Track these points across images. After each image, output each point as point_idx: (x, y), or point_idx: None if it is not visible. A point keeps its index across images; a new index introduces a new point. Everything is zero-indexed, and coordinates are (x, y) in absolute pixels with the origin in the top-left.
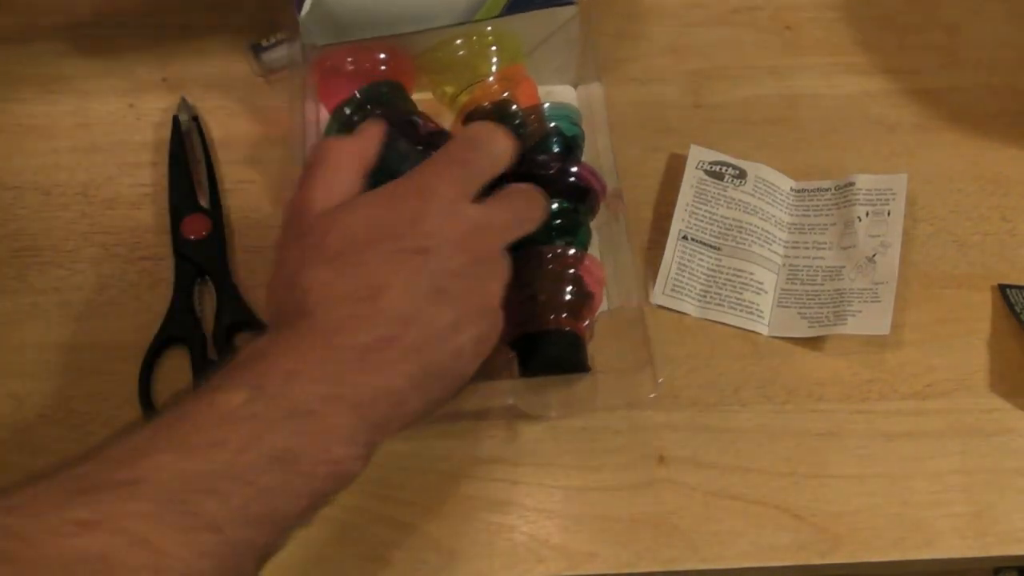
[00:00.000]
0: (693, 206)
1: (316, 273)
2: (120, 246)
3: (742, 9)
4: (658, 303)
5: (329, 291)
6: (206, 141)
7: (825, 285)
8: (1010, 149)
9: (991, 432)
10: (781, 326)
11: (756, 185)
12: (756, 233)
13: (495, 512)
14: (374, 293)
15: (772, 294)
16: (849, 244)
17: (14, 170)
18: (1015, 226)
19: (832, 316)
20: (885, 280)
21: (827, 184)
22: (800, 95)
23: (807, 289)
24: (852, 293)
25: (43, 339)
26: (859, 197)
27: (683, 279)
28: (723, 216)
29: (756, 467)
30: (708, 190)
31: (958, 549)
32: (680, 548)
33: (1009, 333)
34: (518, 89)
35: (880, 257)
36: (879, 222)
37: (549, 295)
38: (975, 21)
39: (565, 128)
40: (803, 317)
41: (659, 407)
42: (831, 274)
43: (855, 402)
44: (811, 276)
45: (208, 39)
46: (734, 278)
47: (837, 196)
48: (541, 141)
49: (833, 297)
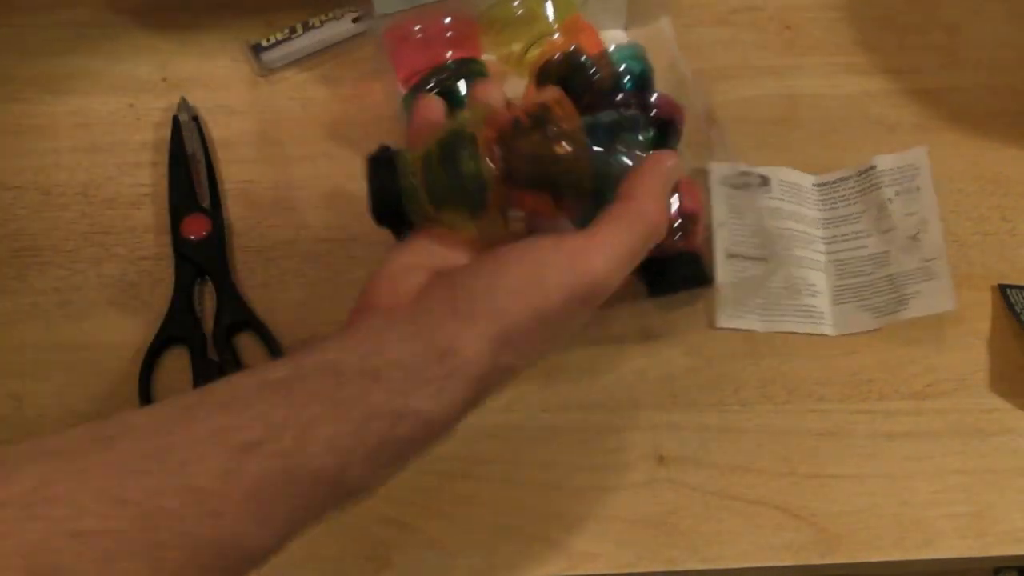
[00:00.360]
0: (729, 223)
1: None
2: (120, 246)
3: (742, 9)
4: (723, 326)
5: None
6: (206, 141)
7: (876, 273)
8: (1010, 149)
9: (991, 432)
10: (845, 323)
11: (781, 188)
12: (795, 236)
13: (495, 512)
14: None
15: (827, 293)
16: (887, 227)
17: (14, 170)
18: (1015, 226)
19: (893, 303)
20: (935, 255)
21: (848, 172)
22: (800, 95)
23: (859, 281)
24: (905, 275)
25: (43, 339)
26: (883, 179)
27: (741, 297)
28: (759, 226)
29: (756, 467)
30: (738, 204)
31: (958, 549)
32: (680, 548)
33: (1009, 333)
34: (582, 37)
35: (923, 234)
36: (911, 199)
37: None
38: (975, 21)
39: (633, 66)
40: (864, 310)
41: (659, 407)
42: (878, 261)
43: (855, 402)
44: (859, 267)
45: (208, 39)
46: (788, 286)
47: (861, 182)
48: (615, 83)
49: (887, 283)
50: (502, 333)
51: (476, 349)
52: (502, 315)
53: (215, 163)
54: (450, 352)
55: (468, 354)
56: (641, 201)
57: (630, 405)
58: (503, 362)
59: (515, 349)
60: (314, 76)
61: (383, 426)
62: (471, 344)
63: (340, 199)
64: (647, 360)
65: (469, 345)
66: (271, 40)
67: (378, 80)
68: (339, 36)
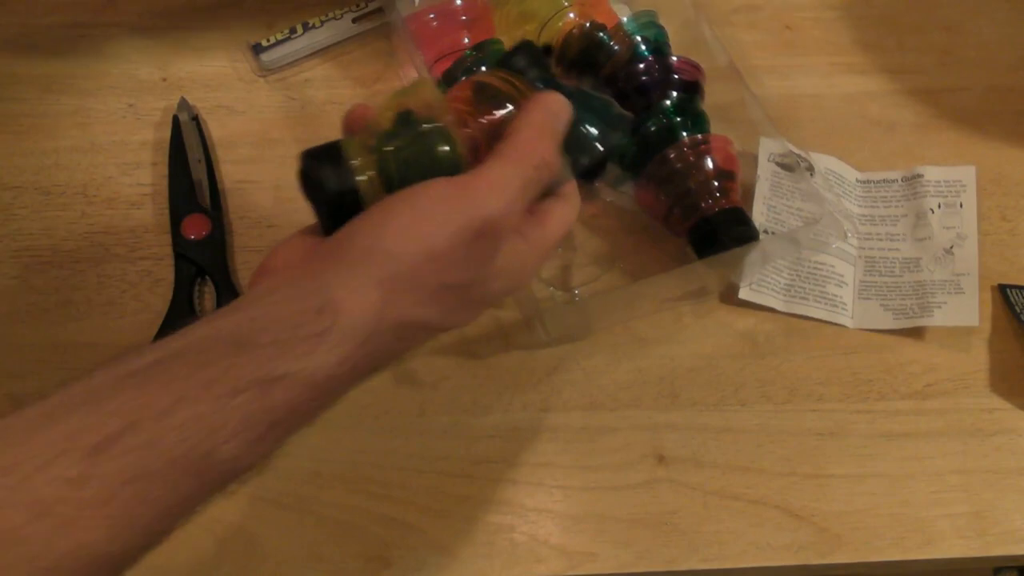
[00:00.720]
0: (770, 200)
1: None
2: (120, 246)
3: (742, 9)
4: (744, 298)
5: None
6: (206, 141)
7: (904, 277)
8: (1010, 149)
9: (991, 432)
10: (865, 318)
11: (827, 177)
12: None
13: (495, 512)
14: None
15: (852, 286)
16: (924, 236)
17: (14, 170)
18: (1015, 226)
19: (917, 308)
20: (966, 272)
21: (893, 175)
22: (800, 95)
23: (886, 281)
24: (934, 285)
25: (43, 339)
26: (929, 189)
27: (767, 274)
28: (798, 208)
29: (756, 467)
30: (782, 183)
31: (958, 549)
32: (680, 548)
33: (1009, 333)
34: (596, 12)
35: (958, 249)
36: (952, 213)
37: (697, 184)
38: (975, 21)
39: (649, 34)
40: (886, 309)
41: (659, 407)
42: (909, 265)
43: (855, 402)
44: (889, 268)
45: (208, 39)
46: (816, 271)
47: (905, 188)
48: (633, 53)
49: (915, 289)
50: (390, 277)
51: (359, 299)
52: (387, 257)
53: (215, 163)
54: (327, 306)
55: (348, 305)
56: (524, 135)
57: (630, 405)
58: (398, 312)
59: (411, 295)
60: (314, 76)
61: (251, 397)
62: (352, 294)
63: None
64: (647, 360)
65: (350, 296)
66: (271, 40)
67: (382, 78)
68: (339, 36)
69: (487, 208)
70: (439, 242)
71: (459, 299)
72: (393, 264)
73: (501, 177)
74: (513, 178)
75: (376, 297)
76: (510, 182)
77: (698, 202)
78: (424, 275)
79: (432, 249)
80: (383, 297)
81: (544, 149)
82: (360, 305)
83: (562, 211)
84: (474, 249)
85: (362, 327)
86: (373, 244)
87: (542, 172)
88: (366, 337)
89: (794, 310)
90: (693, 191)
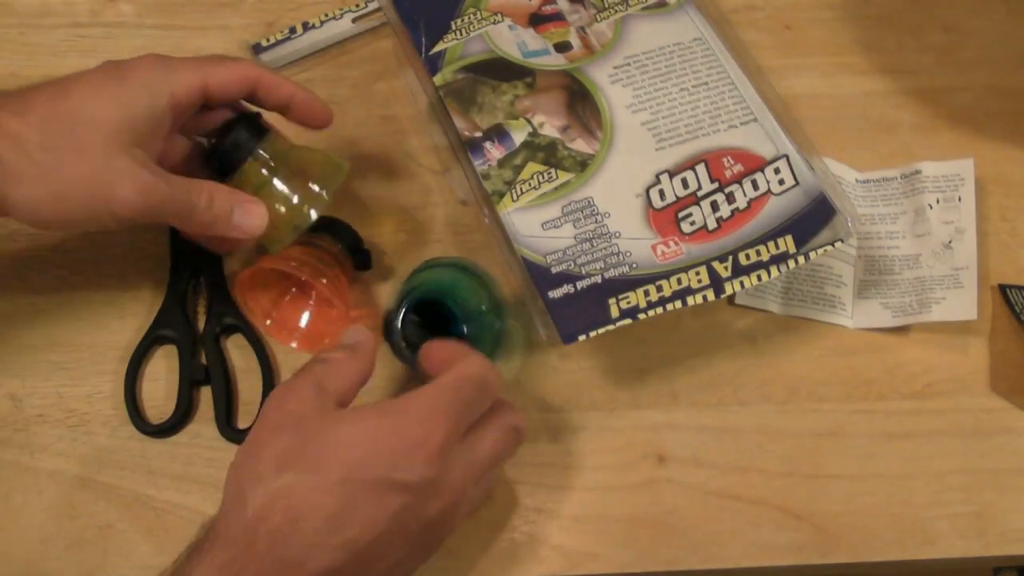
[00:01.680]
0: None
1: (291, 480)
2: (119, 246)
3: (742, 9)
4: (741, 303)
5: (298, 508)
6: None
7: (904, 274)
8: (1010, 149)
9: (991, 432)
10: (865, 318)
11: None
12: None
13: (495, 512)
14: (340, 524)
15: (852, 286)
16: (923, 232)
17: None
18: (1015, 226)
19: (916, 305)
20: (965, 265)
21: (892, 173)
22: (800, 95)
23: (886, 279)
24: (933, 280)
25: (43, 339)
26: (927, 185)
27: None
28: None
29: (756, 467)
30: None
31: (958, 549)
32: (680, 548)
33: (1009, 333)
34: None
35: (956, 243)
36: (951, 208)
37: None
38: (975, 21)
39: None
40: (886, 307)
41: (659, 407)
42: (908, 262)
43: (855, 402)
44: (888, 266)
45: (208, 39)
46: (813, 273)
47: (904, 185)
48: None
49: (914, 286)
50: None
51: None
52: None
53: None
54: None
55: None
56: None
57: (630, 405)
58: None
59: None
60: (314, 76)
61: None
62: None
63: (338, 200)
64: (647, 360)
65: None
66: (271, 40)
67: (382, 78)
68: (339, 36)
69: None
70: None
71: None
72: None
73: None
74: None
75: None
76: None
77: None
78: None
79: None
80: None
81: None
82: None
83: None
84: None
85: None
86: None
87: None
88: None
89: (792, 313)
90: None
